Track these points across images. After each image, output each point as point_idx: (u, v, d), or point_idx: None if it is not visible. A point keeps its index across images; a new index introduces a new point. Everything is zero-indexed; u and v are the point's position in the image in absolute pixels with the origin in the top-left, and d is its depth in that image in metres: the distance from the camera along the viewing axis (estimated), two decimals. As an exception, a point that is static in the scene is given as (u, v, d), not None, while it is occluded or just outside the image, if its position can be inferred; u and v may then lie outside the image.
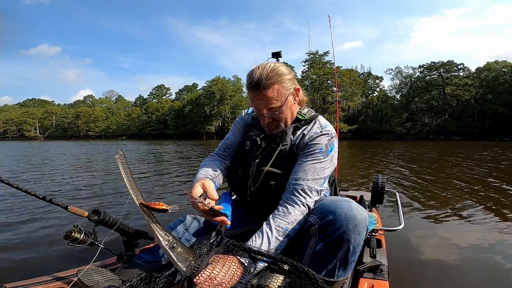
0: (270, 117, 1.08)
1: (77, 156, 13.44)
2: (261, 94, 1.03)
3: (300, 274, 0.74)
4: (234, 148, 1.30)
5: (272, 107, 1.05)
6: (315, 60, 45.83)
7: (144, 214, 0.78)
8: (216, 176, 1.16)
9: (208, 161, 1.23)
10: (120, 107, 77.43)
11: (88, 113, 69.46)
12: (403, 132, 42.39)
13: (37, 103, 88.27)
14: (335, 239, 0.89)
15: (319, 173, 1.03)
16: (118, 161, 0.75)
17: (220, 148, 1.30)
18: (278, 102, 1.05)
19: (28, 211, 3.43)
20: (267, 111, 1.06)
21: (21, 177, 6.63)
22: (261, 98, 1.04)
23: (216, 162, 1.23)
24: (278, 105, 1.05)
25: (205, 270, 0.70)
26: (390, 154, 13.20)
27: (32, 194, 1.05)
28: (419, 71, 46.81)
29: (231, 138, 1.31)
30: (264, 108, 1.06)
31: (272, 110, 1.06)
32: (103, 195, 4.43)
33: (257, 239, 0.91)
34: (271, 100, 1.04)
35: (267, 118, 1.08)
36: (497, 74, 40.39)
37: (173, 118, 60.33)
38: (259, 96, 1.04)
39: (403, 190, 4.76)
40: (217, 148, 1.31)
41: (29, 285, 1.07)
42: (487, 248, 2.39)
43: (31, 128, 73.39)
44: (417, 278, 1.93)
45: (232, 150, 1.29)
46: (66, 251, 2.20)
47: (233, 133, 1.32)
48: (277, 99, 1.04)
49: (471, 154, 12.75)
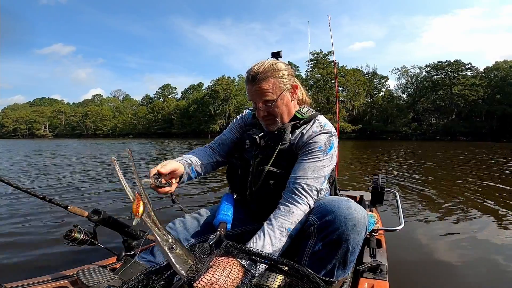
0: (265, 110, 1.09)
1: (82, 155, 13.58)
2: (256, 86, 1.05)
3: (302, 277, 0.73)
4: (228, 145, 1.32)
5: (267, 99, 1.06)
6: (319, 59, 45.65)
7: (144, 214, 0.77)
8: (197, 164, 1.19)
9: (197, 150, 1.26)
10: (127, 106, 78.27)
11: (96, 112, 70.39)
12: (409, 132, 41.89)
13: (47, 102, 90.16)
14: (334, 239, 0.89)
15: (319, 172, 1.03)
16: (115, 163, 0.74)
17: (215, 142, 1.33)
18: (273, 95, 1.06)
19: (28, 210, 3.46)
20: (262, 104, 1.08)
21: (23, 175, 6.71)
22: (256, 89, 1.06)
23: (205, 152, 1.27)
24: (273, 98, 1.06)
25: (206, 274, 0.69)
26: (394, 154, 13.11)
27: (32, 194, 1.06)
28: (425, 71, 46.19)
29: (227, 135, 1.33)
30: (259, 100, 1.07)
31: (267, 103, 1.07)
32: (103, 195, 4.45)
33: (258, 240, 0.91)
34: (265, 92, 1.05)
35: (262, 112, 1.09)
36: (506, 74, 39.65)
37: (179, 117, 60.75)
38: (254, 87, 1.06)
39: (403, 190, 4.74)
40: (212, 141, 1.34)
41: (29, 285, 1.08)
42: (488, 248, 2.39)
43: (40, 126, 75.00)
44: (417, 278, 1.93)
45: (225, 146, 1.31)
46: (66, 251, 2.22)
47: (230, 130, 1.34)
48: (272, 92, 1.06)
49: (475, 155, 12.60)
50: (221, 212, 1.15)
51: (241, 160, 1.27)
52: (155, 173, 0.95)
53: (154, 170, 0.96)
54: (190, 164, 1.16)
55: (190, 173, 1.14)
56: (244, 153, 1.27)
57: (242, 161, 1.26)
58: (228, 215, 1.14)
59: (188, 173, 1.13)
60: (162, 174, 0.96)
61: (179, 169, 1.04)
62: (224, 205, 1.19)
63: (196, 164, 1.19)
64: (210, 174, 6.86)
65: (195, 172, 1.18)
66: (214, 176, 6.30)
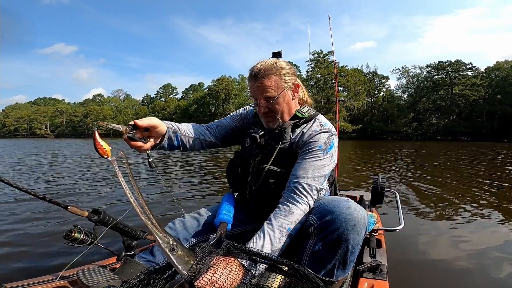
0: (266, 106, 1.09)
1: (83, 154, 13.59)
2: (258, 82, 1.06)
3: (301, 277, 0.73)
4: (225, 129, 1.28)
5: (268, 96, 1.07)
6: (320, 59, 45.62)
7: (143, 216, 0.77)
8: (184, 134, 1.13)
9: (191, 124, 1.22)
10: (128, 106, 78.33)
11: (97, 112, 70.36)
12: (409, 132, 41.82)
13: (48, 101, 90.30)
14: (334, 239, 0.89)
15: (319, 171, 1.03)
16: (114, 164, 0.74)
17: (213, 123, 1.30)
18: (274, 92, 1.07)
19: (28, 210, 3.46)
20: (264, 101, 1.08)
21: (23, 176, 6.72)
22: (258, 86, 1.07)
23: (198, 128, 1.22)
24: (274, 95, 1.07)
25: (207, 273, 0.69)
26: (394, 154, 13.10)
27: (32, 194, 1.06)
28: (426, 71, 46.12)
29: (227, 120, 1.32)
30: (261, 97, 1.08)
31: (268, 100, 1.08)
32: (103, 195, 4.45)
33: (258, 240, 0.91)
34: (267, 88, 1.06)
35: (263, 108, 1.10)
36: (507, 73, 39.56)
37: (179, 117, 60.71)
38: (256, 84, 1.07)
39: (403, 190, 4.75)
40: (210, 123, 1.31)
41: (29, 285, 1.08)
42: (488, 248, 2.38)
43: (41, 126, 75.20)
44: (417, 278, 1.93)
45: (222, 130, 1.28)
46: (66, 251, 2.22)
47: (230, 117, 1.34)
48: (273, 89, 1.06)
49: (476, 155, 12.58)
50: (222, 212, 1.15)
51: (241, 159, 1.27)
52: (131, 123, 0.90)
53: (132, 122, 0.91)
54: (176, 131, 1.10)
55: (173, 140, 1.08)
56: (244, 152, 1.27)
57: (242, 159, 1.26)
58: (229, 215, 1.14)
59: (170, 138, 1.07)
60: (138, 127, 0.91)
61: (159, 128, 0.98)
62: (225, 205, 1.20)
63: (184, 134, 1.13)
64: (210, 174, 6.87)
65: (180, 141, 1.11)
66: (214, 176, 6.31)
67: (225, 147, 1.34)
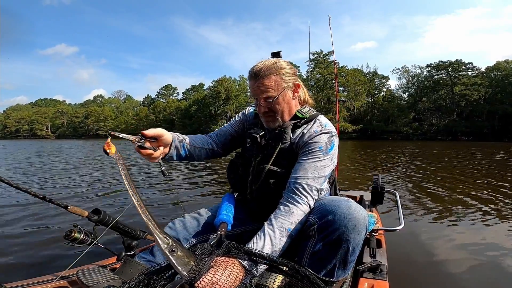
0: (266, 106, 1.09)
1: (83, 155, 13.61)
2: (258, 82, 1.06)
3: (302, 277, 0.73)
4: (225, 136, 1.31)
5: (268, 95, 1.07)
6: (320, 59, 45.62)
7: (144, 216, 0.77)
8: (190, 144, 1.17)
9: (194, 135, 1.26)
10: (129, 106, 78.62)
11: (98, 113, 70.64)
12: (410, 132, 41.79)
13: (48, 102, 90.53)
14: (334, 239, 0.89)
15: (320, 172, 1.03)
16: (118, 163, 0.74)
17: (214, 132, 1.34)
18: (275, 92, 1.07)
19: (28, 210, 3.47)
20: (264, 100, 1.08)
21: (24, 176, 6.72)
22: (258, 85, 1.07)
23: (202, 138, 1.26)
24: (275, 95, 1.07)
25: (207, 274, 0.69)
26: (394, 154, 13.09)
27: (32, 194, 1.05)
28: (426, 71, 46.11)
29: (227, 127, 1.34)
30: (261, 96, 1.08)
31: (268, 99, 1.08)
32: (103, 195, 4.46)
33: (259, 240, 0.90)
34: (268, 88, 1.06)
35: (263, 107, 1.10)
36: (507, 73, 39.51)
37: (180, 117, 60.88)
38: (256, 83, 1.07)
39: (403, 190, 4.74)
40: (211, 132, 1.34)
41: (29, 285, 1.07)
42: (488, 248, 2.39)
43: (42, 127, 75.51)
44: (417, 278, 1.93)
45: (222, 137, 1.31)
46: (66, 251, 2.22)
47: (230, 124, 1.35)
48: (274, 88, 1.07)
49: (476, 155, 12.58)
50: (222, 212, 1.15)
51: (242, 159, 1.27)
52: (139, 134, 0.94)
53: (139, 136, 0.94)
54: (182, 140, 1.13)
55: (180, 150, 1.12)
56: (245, 152, 1.28)
57: (243, 159, 1.26)
58: (229, 215, 1.14)
59: (177, 148, 1.10)
60: (145, 137, 0.94)
61: (165, 137, 1.00)
62: (225, 205, 1.20)
63: (189, 144, 1.16)
64: (210, 174, 6.87)
65: (186, 150, 1.15)
66: (214, 176, 6.31)
67: (226, 155, 1.37)
